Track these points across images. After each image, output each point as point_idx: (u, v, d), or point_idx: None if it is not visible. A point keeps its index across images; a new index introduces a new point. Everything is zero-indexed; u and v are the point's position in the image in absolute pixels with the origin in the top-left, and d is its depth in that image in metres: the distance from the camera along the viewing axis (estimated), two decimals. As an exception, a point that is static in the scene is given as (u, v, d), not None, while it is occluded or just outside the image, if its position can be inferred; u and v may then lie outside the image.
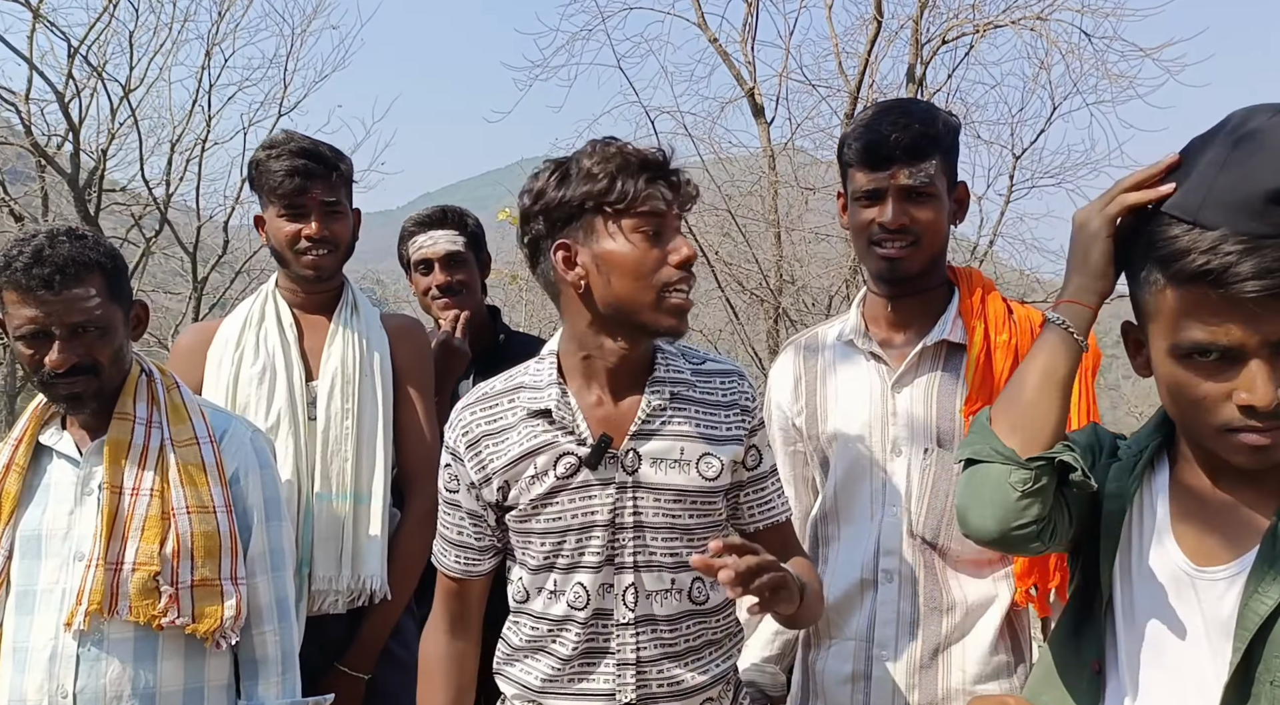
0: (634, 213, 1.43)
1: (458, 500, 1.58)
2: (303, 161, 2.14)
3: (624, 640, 1.50)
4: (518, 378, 1.56)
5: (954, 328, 1.79)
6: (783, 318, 7.98)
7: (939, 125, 1.74)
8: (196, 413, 1.83)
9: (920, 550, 1.77)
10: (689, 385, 1.55)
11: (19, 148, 9.97)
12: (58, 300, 1.63)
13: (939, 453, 1.76)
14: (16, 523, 1.72)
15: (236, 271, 11.36)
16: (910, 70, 8.06)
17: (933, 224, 1.74)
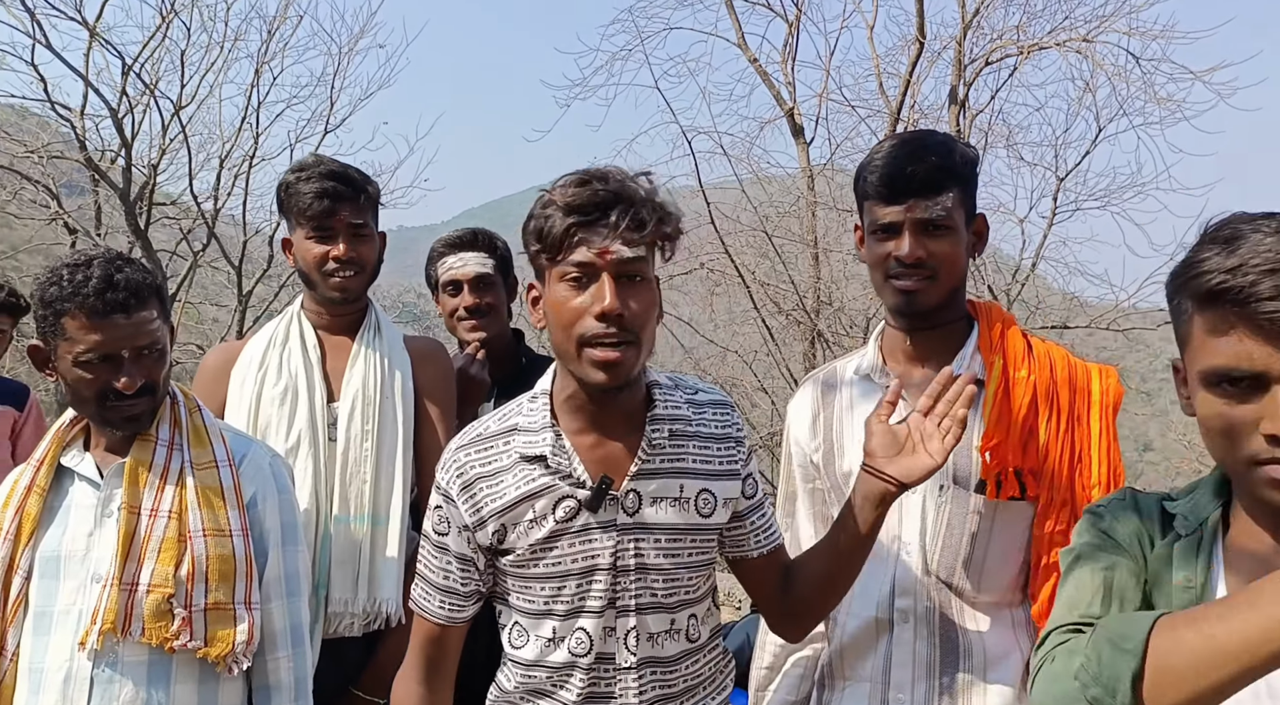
0: (561, 260, 1.38)
1: (446, 543, 1.51)
2: (331, 184, 2.16)
3: (626, 685, 1.47)
4: (512, 418, 1.51)
5: (973, 362, 1.75)
6: (819, 340, 7.92)
7: (956, 158, 1.71)
8: (217, 436, 1.84)
9: (936, 590, 1.73)
10: (687, 420, 1.52)
11: (74, 162, 10.24)
12: (129, 323, 1.65)
13: (954, 490, 1.72)
14: (36, 544, 1.73)
15: (281, 284, 11.54)
16: (953, 91, 8.00)
17: (950, 257, 1.71)
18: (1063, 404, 1.71)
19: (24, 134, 10.24)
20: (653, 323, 1.43)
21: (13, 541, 1.72)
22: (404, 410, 2.23)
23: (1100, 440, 1.69)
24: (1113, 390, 1.73)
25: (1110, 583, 1.17)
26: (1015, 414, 1.69)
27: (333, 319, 2.29)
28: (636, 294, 1.39)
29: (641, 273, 1.39)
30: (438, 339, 2.53)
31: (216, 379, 2.24)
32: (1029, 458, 1.68)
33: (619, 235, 1.35)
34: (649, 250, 1.41)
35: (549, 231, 1.38)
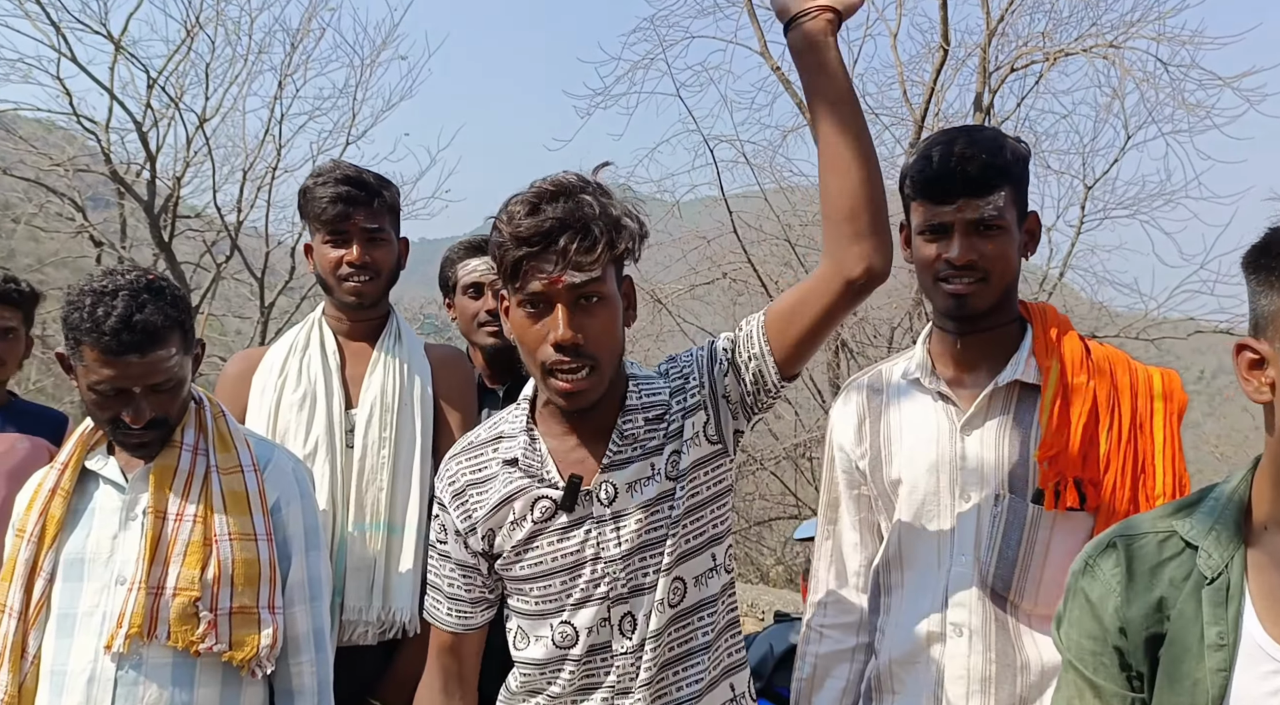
0: (518, 289, 1.39)
1: (448, 551, 1.56)
2: (346, 188, 2.15)
3: (624, 670, 1.47)
4: (499, 426, 1.55)
5: (1027, 367, 1.68)
6: (843, 349, 7.85)
7: (1007, 154, 1.64)
8: (241, 441, 1.84)
9: (992, 603, 1.65)
10: (665, 405, 1.51)
11: (100, 175, 10.33)
12: (143, 363, 1.64)
13: (1011, 499, 1.64)
14: (60, 546, 1.74)
15: (303, 296, 11.58)
16: (978, 98, 7.92)
17: (1002, 258, 1.64)
18: (1124, 411, 1.64)
19: (50, 147, 10.33)
20: (615, 338, 1.44)
21: (36, 543, 1.72)
22: (423, 418, 2.21)
23: (1165, 449, 1.61)
24: (1177, 396, 1.66)
25: None
26: (1075, 422, 1.62)
27: (353, 325, 2.27)
28: (594, 316, 1.39)
29: (598, 293, 1.39)
30: (459, 348, 2.50)
31: (238, 385, 2.22)
32: (1089, 468, 1.61)
33: (569, 263, 1.35)
34: (607, 267, 1.39)
35: (503, 262, 1.39)
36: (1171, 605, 1.13)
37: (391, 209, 2.25)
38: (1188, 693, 1.09)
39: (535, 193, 1.38)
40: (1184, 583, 1.13)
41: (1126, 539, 1.20)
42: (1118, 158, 8.21)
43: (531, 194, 1.38)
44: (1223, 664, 1.07)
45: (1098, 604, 1.19)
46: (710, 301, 9.44)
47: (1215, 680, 1.07)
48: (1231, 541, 1.11)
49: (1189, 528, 1.15)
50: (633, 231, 1.41)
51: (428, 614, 1.61)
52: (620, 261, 1.44)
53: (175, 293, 1.71)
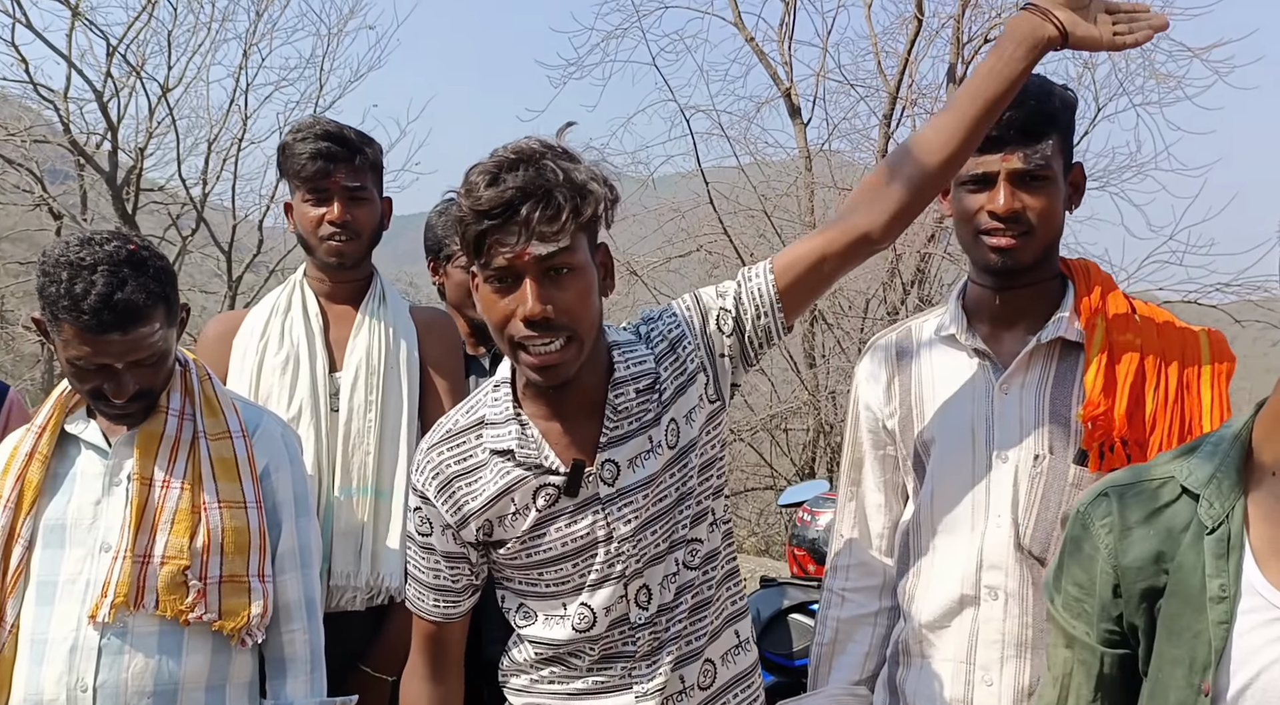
0: (484, 265, 1.33)
1: (431, 544, 1.50)
2: (326, 144, 2.09)
3: (642, 640, 1.45)
4: (479, 410, 1.47)
5: (1070, 325, 1.63)
6: (819, 321, 7.86)
7: (1055, 102, 1.58)
8: (229, 406, 1.79)
9: (1028, 566, 1.61)
10: (653, 374, 1.45)
11: (58, 146, 10.09)
12: (125, 340, 1.58)
13: (1051, 460, 1.60)
14: (39, 512, 1.69)
15: (270, 271, 11.41)
16: (951, 69, 7.92)
17: (1048, 211, 1.58)
18: (1171, 371, 1.59)
19: (5, 118, 10.06)
20: (590, 308, 1.36)
21: (13, 509, 1.67)
22: (409, 381, 2.17)
23: (1213, 410, 1.56)
24: (1224, 355, 1.61)
25: (1067, 693, 1.23)
26: (1121, 381, 1.57)
27: (335, 287, 2.21)
28: (564, 286, 1.32)
29: (567, 263, 1.32)
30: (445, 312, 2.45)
31: (218, 348, 2.17)
32: (1134, 428, 1.57)
33: (533, 233, 1.28)
34: (576, 235, 1.32)
35: (465, 237, 1.33)
36: (1170, 557, 1.12)
37: (374, 167, 2.18)
38: (1188, 645, 1.09)
39: (495, 162, 1.31)
40: (1183, 533, 1.12)
41: (1120, 488, 1.19)
42: (1088, 130, 8.25)
43: (491, 163, 1.31)
44: (1224, 616, 1.06)
45: (1089, 555, 1.19)
46: (686, 274, 9.41)
47: (1217, 632, 1.06)
48: (1233, 489, 1.10)
49: (1187, 473, 1.14)
50: (600, 196, 1.34)
51: (410, 605, 1.57)
52: (591, 229, 1.37)
53: (158, 263, 1.64)
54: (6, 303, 12.08)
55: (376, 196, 2.20)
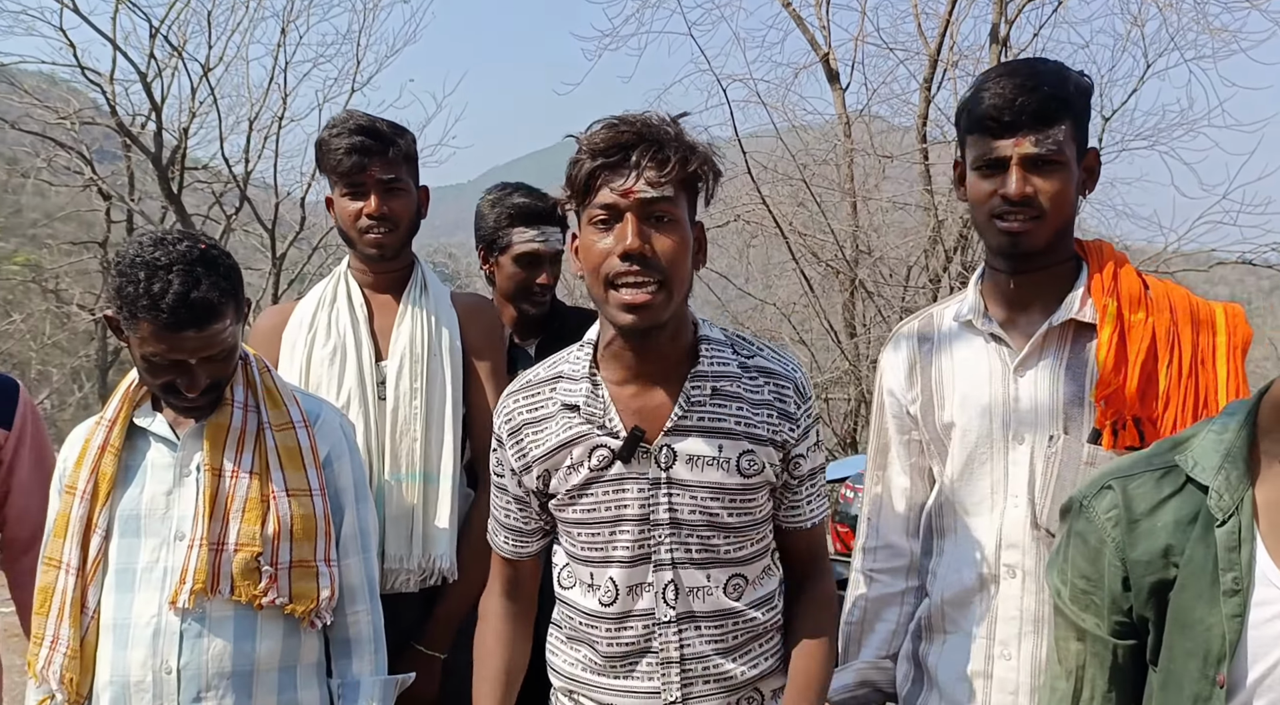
0: (588, 204, 1.40)
1: (504, 485, 1.59)
2: (360, 139, 2.11)
3: (667, 638, 1.48)
4: (559, 366, 1.54)
5: (1083, 306, 1.65)
6: (859, 289, 7.81)
7: (1070, 87, 1.59)
8: (290, 397, 1.85)
9: (1045, 544, 1.64)
10: (733, 379, 1.48)
11: (105, 127, 10.26)
12: (200, 337, 1.63)
13: (1065, 440, 1.63)
14: (114, 503, 1.75)
15: (314, 247, 11.56)
16: (994, 30, 7.76)
17: (1060, 195, 1.59)
18: (1185, 347, 1.61)
19: (54, 100, 10.25)
20: (684, 264, 1.41)
21: (90, 500, 1.74)
22: (452, 367, 2.20)
23: (1228, 384, 1.58)
24: (1240, 330, 1.63)
25: (1082, 685, 1.24)
26: (1133, 359, 1.59)
27: (378, 277, 2.25)
28: (664, 233, 1.38)
29: (669, 213, 1.38)
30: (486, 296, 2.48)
31: (269, 342, 2.21)
32: (1147, 405, 1.60)
33: (642, 174, 1.35)
34: (679, 191, 1.39)
35: (576, 176, 1.39)
36: (1179, 550, 1.12)
37: (408, 157, 2.20)
38: (1202, 638, 1.09)
39: (615, 117, 1.40)
40: (1191, 525, 1.11)
41: (1123, 480, 1.18)
42: (1136, 87, 8.08)
43: (611, 118, 1.40)
44: (1238, 609, 1.07)
45: (1095, 548, 1.19)
46: (724, 244, 9.37)
47: (1231, 626, 1.07)
48: (1242, 480, 1.09)
49: (1193, 464, 1.13)
50: (706, 157, 1.41)
51: (489, 538, 1.67)
52: (693, 192, 1.43)
53: (228, 262, 1.70)
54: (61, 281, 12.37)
55: (412, 186, 2.22)
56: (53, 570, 1.73)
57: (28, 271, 12.67)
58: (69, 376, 12.77)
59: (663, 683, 1.48)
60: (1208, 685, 1.09)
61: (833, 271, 8.00)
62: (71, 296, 11.74)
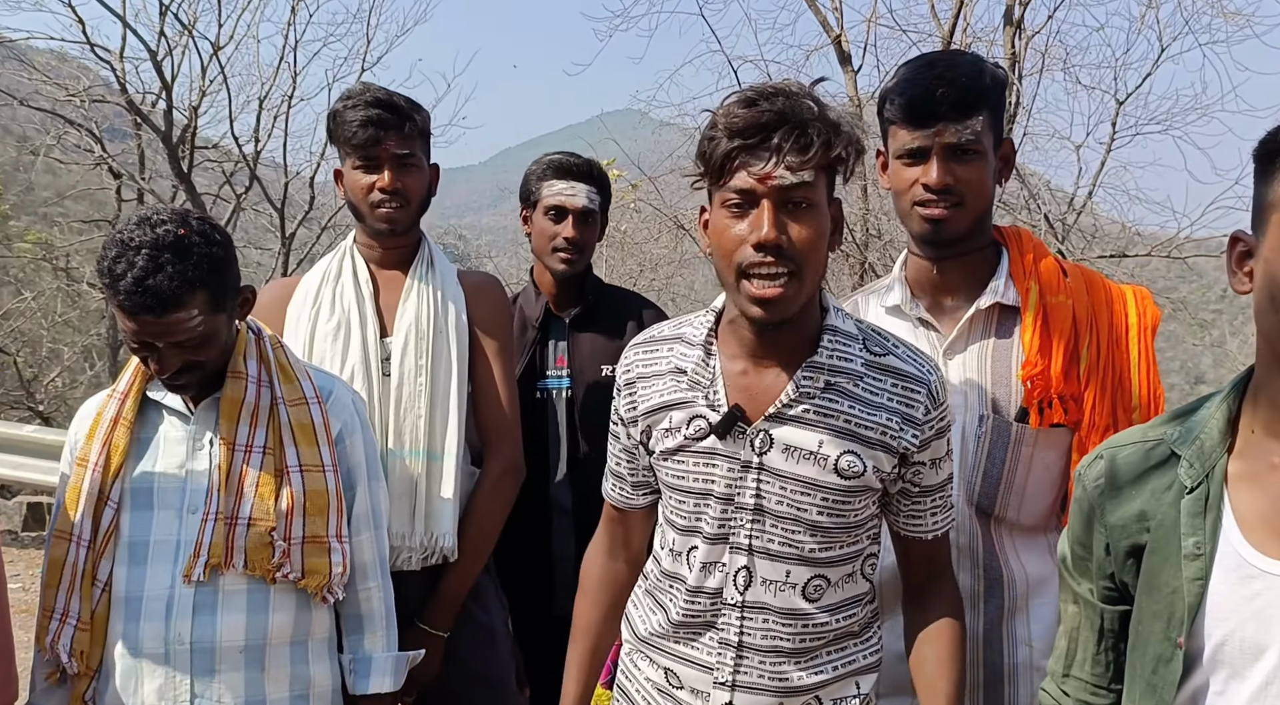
0: (723, 186, 1.33)
1: (618, 433, 1.59)
2: (376, 112, 2.10)
3: (729, 620, 1.46)
4: (683, 327, 1.52)
5: (1006, 290, 1.72)
6: (869, 273, 7.78)
7: (986, 79, 1.65)
8: (303, 373, 1.86)
9: (979, 521, 1.72)
10: (853, 377, 1.41)
11: (116, 105, 10.25)
12: (159, 323, 1.62)
13: (994, 419, 1.70)
14: (126, 475, 1.76)
15: (323, 226, 11.56)
16: (1008, 12, 7.69)
17: (978, 183, 1.66)
18: (1101, 327, 1.69)
19: (64, 78, 10.24)
20: (820, 252, 1.35)
21: (102, 472, 1.74)
22: (458, 345, 2.20)
23: (1140, 363, 1.67)
24: (1150, 312, 1.71)
25: (1068, 642, 1.31)
26: (1056, 340, 1.66)
27: (385, 253, 2.25)
28: (801, 221, 1.31)
29: (808, 199, 1.31)
30: (492, 275, 2.47)
31: (273, 314, 2.20)
32: (1070, 384, 1.67)
33: (782, 160, 1.28)
34: (819, 174, 1.32)
35: (712, 155, 1.32)
36: (1153, 515, 1.15)
37: (422, 134, 2.20)
38: (1166, 600, 1.12)
39: (754, 89, 1.32)
40: (1166, 492, 1.15)
41: (1114, 449, 1.23)
42: (1151, 71, 8.01)
43: (750, 90, 1.32)
44: (1198, 573, 1.09)
45: (1085, 514, 1.24)
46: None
47: (1191, 588, 1.09)
48: (1215, 449, 1.12)
49: (1175, 435, 1.16)
50: (851, 138, 1.32)
51: (604, 488, 1.68)
52: (833, 173, 1.36)
53: (206, 250, 1.65)
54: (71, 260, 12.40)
55: (425, 163, 2.22)
56: (63, 543, 1.74)
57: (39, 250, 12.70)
58: (80, 355, 12.83)
59: (718, 661, 1.46)
60: (1169, 646, 1.12)
61: (843, 255, 7.97)
62: (82, 275, 11.77)
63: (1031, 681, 1.69)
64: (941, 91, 1.61)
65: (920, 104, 1.63)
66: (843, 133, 1.31)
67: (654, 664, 1.55)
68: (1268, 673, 1.05)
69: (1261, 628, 1.05)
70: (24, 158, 12.40)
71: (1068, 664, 1.32)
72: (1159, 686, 1.13)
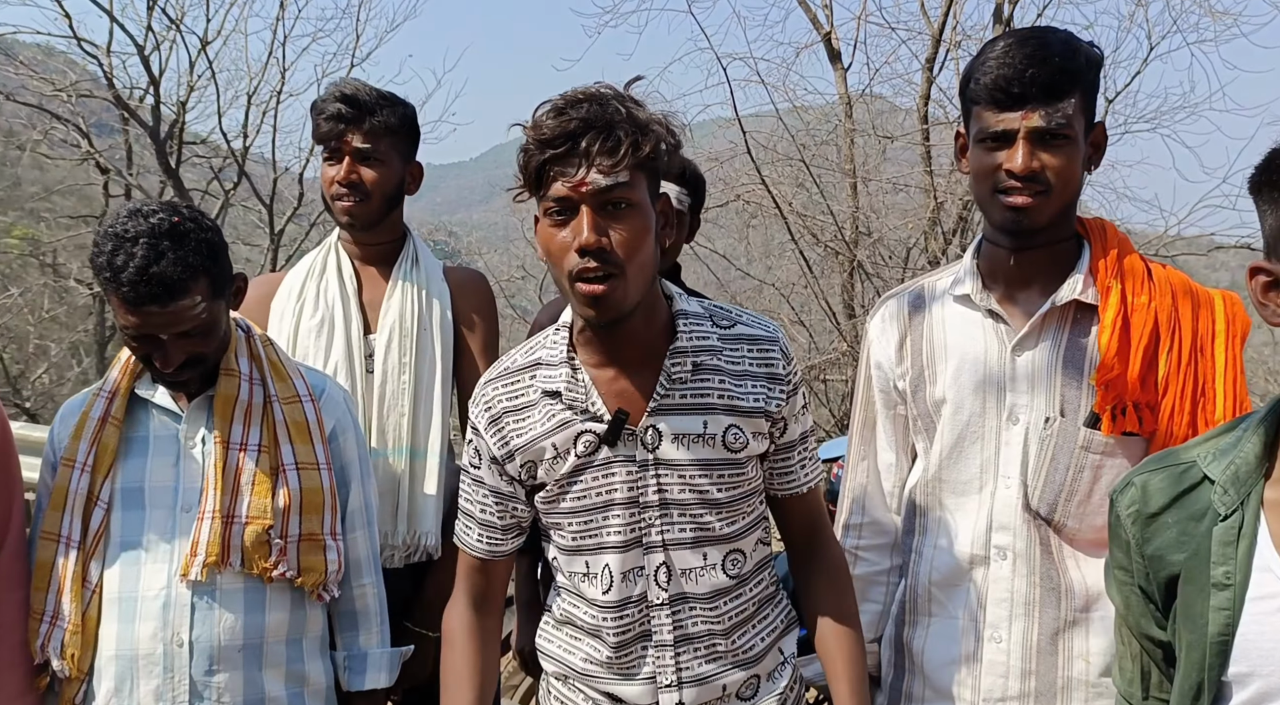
0: (543, 196, 1.35)
1: (481, 477, 1.53)
2: (339, 106, 2.11)
3: (660, 621, 1.46)
4: (536, 352, 1.50)
5: (1086, 287, 1.62)
6: (858, 271, 7.78)
7: (1080, 59, 1.55)
8: (295, 371, 1.85)
9: (1036, 527, 1.63)
10: (714, 352, 1.45)
11: (103, 100, 10.19)
12: (165, 313, 1.61)
13: (1061, 422, 1.61)
14: (115, 475, 1.74)
15: (312, 223, 11.51)
16: (997, 10, 7.69)
17: (1066, 171, 1.56)
18: (1185, 333, 1.59)
19: (51, 73, 10.16)
20: (645, 249, 1.36)
21: (91, 472, 1.72)
22: (443, 342, 2.19)
23: (1226, 372, 1.57)
24: (1239, 318, 1.60)
25: (1140, 667, 1.27)
26: (1135, 345, 1.57)
27: (368, 249, 2.24)
28: (621, 222, 1.33)
29: (627, 199, 1.33)
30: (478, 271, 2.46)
31: (257, 311, 2.19)
32: (1147, 391, 1.58)
33: (593, 164, 1.30)
34: (636, 174, 1.34)
35: (528, 167, 1.35)
36: (1189, 544, 1.13)
37: (390, 129, 2.15)
38: (1200, 630, 1.10)
39: (562, 98, 1.34)
40: (1201, 519, 1.12)
41: (1146, 475, 1.20)
42: (1140, 69, 8.01)
43: (559, 99, 1.34)
44: (1226, 603, 1.08)
45: (1124, 542, 1.21)
46: (723, 224, 9.34)
47: (1217, 618, 1.08)
48: (1250, 476, 1.09)
49: (1209, 459, 1.14)
50: (660, 136, 1.35)
51: (457, 538, 1.59)
52: (651, 171, 1.37)
53: (202, 236, 1.65)
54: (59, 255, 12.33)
55: (396, 159, 2.17)
56: (50, 544, 1.71)
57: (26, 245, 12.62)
58: (67, 351, 12.76)
59: (657, 666, 1.46)
60: (1204, 677, 1.10)
61: (832, 253, 7.97)
62: (70, 271, 11.70)
63: (1086, 698, 1.62)
64: (1031, 72, 1.51)
65: (1008, 84, 1.53)
66: (651, 132, 1.33)
67: (588, 694, 1.53)
68: None
69: None
70: (10, 153, 12.32)
71: (1145, 686, 1.28)
72: None
